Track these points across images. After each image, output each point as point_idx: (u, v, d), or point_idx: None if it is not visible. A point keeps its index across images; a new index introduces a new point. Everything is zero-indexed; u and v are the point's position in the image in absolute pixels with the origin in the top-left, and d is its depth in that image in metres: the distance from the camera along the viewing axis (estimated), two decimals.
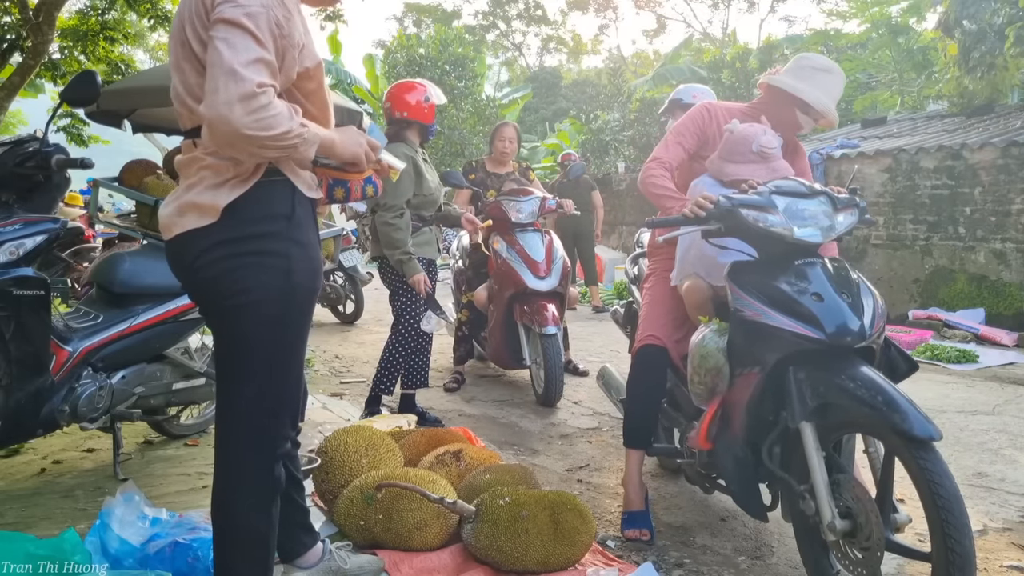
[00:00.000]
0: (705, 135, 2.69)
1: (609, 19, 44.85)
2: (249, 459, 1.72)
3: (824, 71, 2.59)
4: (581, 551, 2.31)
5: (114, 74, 11.37)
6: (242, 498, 1.72)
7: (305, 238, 1.72)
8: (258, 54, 1.51)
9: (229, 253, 1.63)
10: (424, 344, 4.01)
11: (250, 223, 1.64)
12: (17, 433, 2.66)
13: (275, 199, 1.67)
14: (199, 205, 1.63)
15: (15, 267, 2.47)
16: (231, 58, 1.47)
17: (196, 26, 1.59)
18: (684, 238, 2.62)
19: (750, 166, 2.48)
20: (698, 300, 2.50)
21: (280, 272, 1.65)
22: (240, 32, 1.50)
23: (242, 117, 1.46)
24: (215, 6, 1.54)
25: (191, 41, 1.60)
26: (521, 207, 4.74)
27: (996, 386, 5.23)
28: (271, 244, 1.65)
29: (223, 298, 1.66)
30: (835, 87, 2.60)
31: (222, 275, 1.64)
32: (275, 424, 1.75)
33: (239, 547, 1.72)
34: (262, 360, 1.69)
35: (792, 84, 2.57)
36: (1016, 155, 7.18)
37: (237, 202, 1.63)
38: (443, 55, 18.27)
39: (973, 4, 9.08)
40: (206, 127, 1.53)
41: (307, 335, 1.82)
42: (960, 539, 1.71)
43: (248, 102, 1.46)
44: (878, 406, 1.85)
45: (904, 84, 14.01)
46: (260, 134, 1.48)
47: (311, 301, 1.77)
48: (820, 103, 2.54)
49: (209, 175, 1.64)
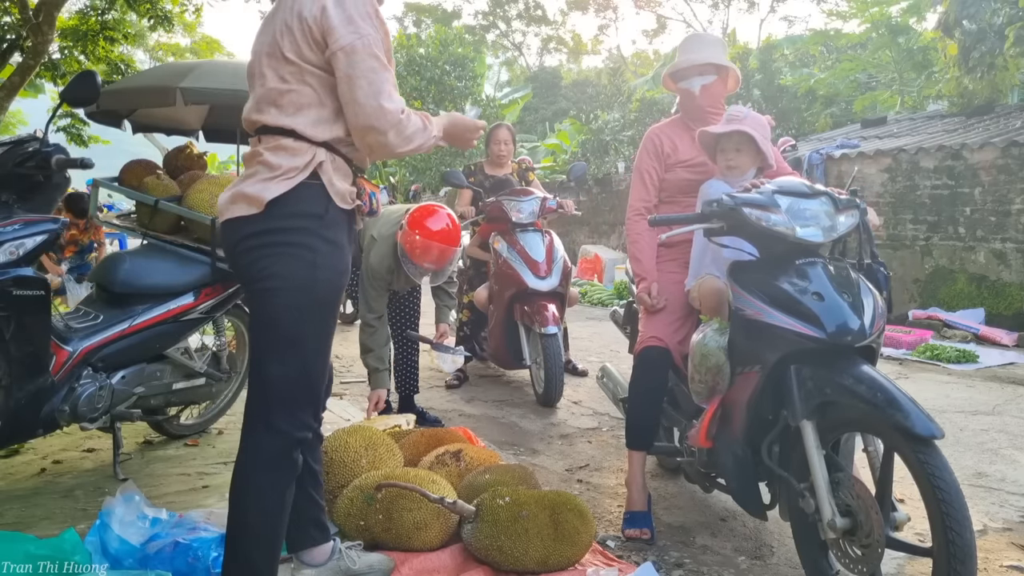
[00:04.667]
0: (663, 155, 2.86)
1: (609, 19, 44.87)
2: (267, 439, 1.82)
3: (687, 40, 2.94)
4: (581, 551, 2.31)
5: (114, 74, 11.37)
6: (257, 476, 1.81)
7: (335, 237, 1.86)
8: (389, 78, 1.81)
9: (265, 243, 1.81)
10: (411, 355, 4.10)
11: (287, 218, 1.81)
12: (17, 433, 2.66)
13: (312, 199, 1.83)
14: (248, 196, 1.82)
15: (15, 267, 2.46)
16: (373, 92, 1.77)
17: (298, 42, 1.80)
18: (698, 241, 2.64)
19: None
20: (716, 301, 2.49)
21: (305, 264, 1.81)
22: (370, 59, 1.78)
23: (395, 140, 1.81)
24: (331, 31, 1.76)
25: (286, 53, 1.81)
26: (521, 207, 4.74)
27: (996, 386, 5.23)
28: (301, 238, 1.81)
29: (254, 281, 1.84)
30: (698, 45, 2.85)
31: (255, 261, 1.83)
32: (294, 407, 1.84)
33: (249, 526, 1.80)
34: (285, 342, 1.82)
35: (667, 73, 2.89)
36: (1016, 155, 7.17)
37: (280, 198, 1.80)
38: (443, 55, 18.27)
39: (973, 4, 9.07)
40: (362, 141, 1.85)
41: (331, 329, 1.92)
42: (961, 532, 1.71)
43: (399, 130, 1.81)
44: (879, 404, 1.85)
45: (904, 84, 14.00)
46: (406, 149, 1.85)
47: (334, 296, 1.89)
48: (684, 63, 2.80)
49: (263, 170, 1.84)
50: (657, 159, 2.85)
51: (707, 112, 2.83)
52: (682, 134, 2.87)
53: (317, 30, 1.79)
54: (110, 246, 9.55)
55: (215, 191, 3.22)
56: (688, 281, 2.72)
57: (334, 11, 1.78)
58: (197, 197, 3.22)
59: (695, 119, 2.84)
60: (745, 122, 2.57)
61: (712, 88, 2.82)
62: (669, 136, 2.87)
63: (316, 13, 1.79)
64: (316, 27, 1.79)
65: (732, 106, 2.74)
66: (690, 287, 2.69)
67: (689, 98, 2.85)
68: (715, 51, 2.81)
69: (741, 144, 2.60)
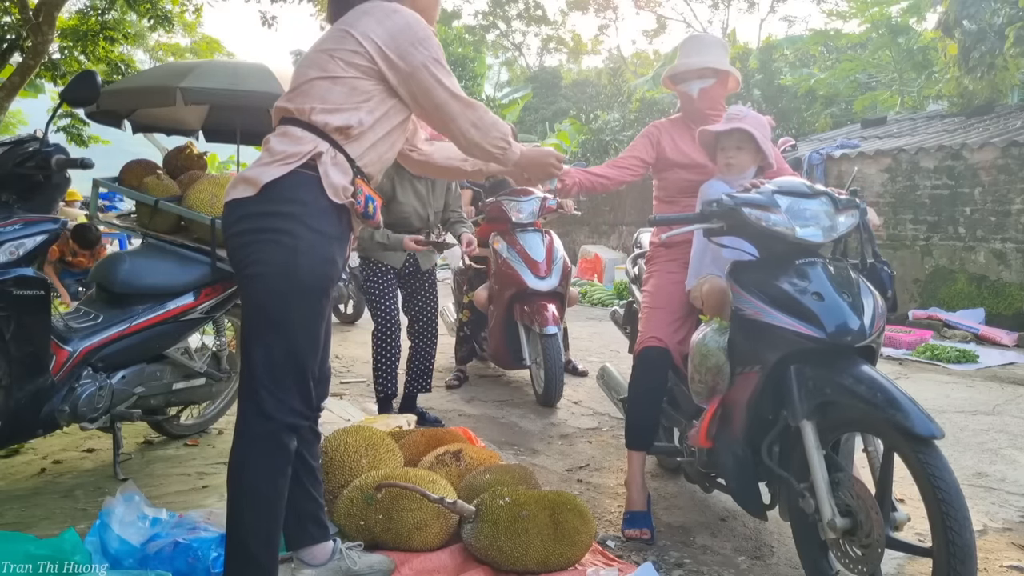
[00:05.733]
0: (660, 146, 2.88)
1: (609, 19, 44.75)
2: (255, 423, 1.84)
3: (687, 42, 2.95)
4: (581, 551, 2.31)
5: (114, 74, 11.37)
6: (248, 462, 1.84)
7: (320, 226, 1.86)
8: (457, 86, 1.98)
9: (253, 227, 1.84)
10: (427, 348, 4.04)
11: (276, 202, 1.84)
12: (17, 433, 2.65)
13: (303, 187, 1.86)
14: (248, 179, 1.87)
15: (15, 267, 2.46)
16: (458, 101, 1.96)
17: (348, 51, 1.90)
18: (698, 241, 2.65)
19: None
20: (719, 301, 2.49)
21: (286, 250, 1.82)
22: (444, 71, 1.95)
23: (487, 137, 2.00)
24: (406, 49, 1.90)
25: (339, 58, 1.90)
26: (521, 207, 4.74)
27: (996, 386, 5.23)
28: (286, 224, 1.83)
29: (242, 268, 1.87)
30: (698, 48, 2.86)
31: (243, 247, 1.86)
32: (279, 391, 1.84)
33: (243, 514, 1.83)
34: (269, 326, 1.85)
35: (666, 75, 2.93)
36: (1016, 155, 7.18)
37: (274, 182, 1.84)
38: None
39: (973, 4, 9.08)
40: (468, 146, 2.03)
41: (319, 316, 1.92)
42: (961, 531, 1.71)
43: (489, 129, 1.99)
44: (879, 404, 1.85)
45: (904, 84, 14.01)
46: (496, 146, 2.01)
47: (318, 283, 1.88)
48: (682, 67, 2.83)
49: (266, 155, 1.89)
50: (651, 146, 2.88)
51: (706, 114, 2.84)
52: (683, 133, 2.88)
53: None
54: (110, 246, 9.56)
55: (215, 191, 3.22)
56: (688, 281, 2.72)
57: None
58: (197, 197, 3.22)
59: (695, 120, 2.86)
60: (745, 121, 2.58)
61: (711, 91, 2.83)
62: (669, 133, 2.89)
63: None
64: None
65: (733, 106, 2.75)
66: (690, 287, 2.70)
67: (688, 100, 2.87)
68: (714, 54, 2.82)
69: (741, 142, 2.60)
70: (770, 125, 2.75)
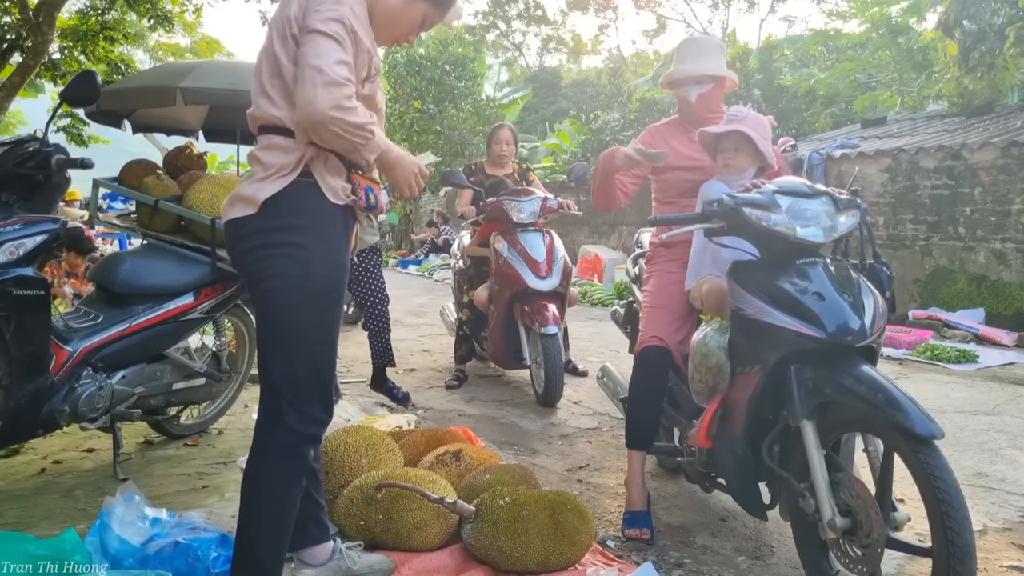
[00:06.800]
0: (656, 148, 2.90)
1: (609, 19, 44.81)
2: (279, 437, 1.86)
3: (684, 45, 2.93)
4: (581, 551, 2.31)
5: (114, 74, 11.38)
6: (266, 472, 1.86)
7: (329, 233, 1.89)
8: (341, 56, 1.75)
9: (262, 243, 1.85)
10: (380, 330, 4.38)
11: (281, 217, 1.85)
12: (17, 433, 2.66)
13: (305, 197, 1.86)
14: (244, 197, 1.87)
15: (15, 267, 2.46)
16: (318, 57, 1.73)
17: (286, 35, 1.82)
18: (698, 241, 2.65)
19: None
20: (720, 301, 2.49)
21: (300, 262, 1.83)
22: (325, 39, 1.75)
23: (327, 100, 1.69)
24: (305, 18, 1.78)
25: (277, 52, 1.84)
26: (522, 207, 4.74)
27: (996, 386, 5.23)
28: (296, 237, 1.84)
29: (255, 282, 1.89)
30: (695, 52, 2.85)
31: (255, 262, 1.87)
32: (304, 404, 1.86)
33: (256, 522, 1.84)
34: (289, 339, 1.86)
35: (664, 79, 2.93)
36: (1016, 155, 7.17)
37: (274, 198, 1.84)
38: (443, 55, 18.25)
39: (973, 4, 9.07)
40: (297, 112, 1.75)
41: (334, 320, 1.94)
42: (960, 531, 1.71)
43: (331, 89, 1.70)
44: (880, 404, 1.85)
45: (904, 84, 14.00)
46: (342, 117, 1.71)
47: (330, 287, 1.90)
48: (679, 73, 2.84)
49: (259, 170, 1.88)
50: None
51: (705, 117, 2.85)
52: (679, 134, 2.88)
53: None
54: (110, 246, 9.56)
55: (215, 191, 3.22)
56: (688, 281, 2.72)
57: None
58: (197, 197, 3.22)
59: (693, 123, 2.86)
60: (745, 122, 2.58)
61: (709, 96, 2.84)
62: (664, 136, 2.89)
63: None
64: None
65: (734, 107, 2.75)
66: (690, 287, 2.70)
67: (686, 104, 2.88)
68: (712, 60, 2.82)
69: (740, 144, 2.60)
70: (771, 125, 2.75)
